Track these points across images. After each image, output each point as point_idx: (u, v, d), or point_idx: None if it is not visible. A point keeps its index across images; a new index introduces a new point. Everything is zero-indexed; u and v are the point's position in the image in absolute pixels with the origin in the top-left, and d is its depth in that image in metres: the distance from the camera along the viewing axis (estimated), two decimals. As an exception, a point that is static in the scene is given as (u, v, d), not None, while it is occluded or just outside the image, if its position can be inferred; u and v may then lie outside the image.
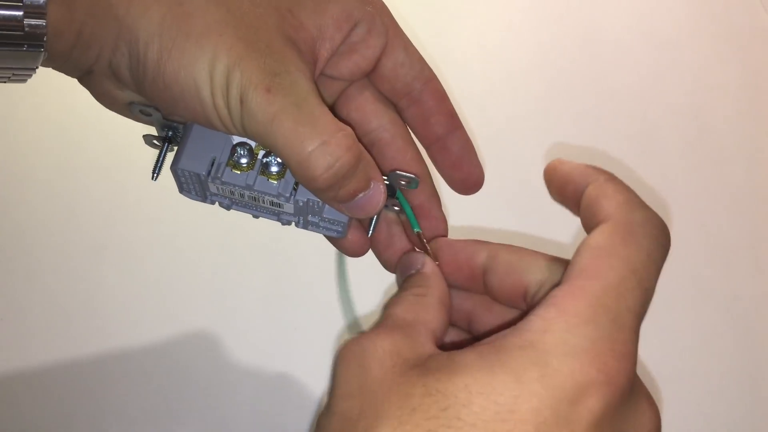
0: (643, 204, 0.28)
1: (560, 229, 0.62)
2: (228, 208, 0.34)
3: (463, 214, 0.63)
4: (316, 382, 0.52)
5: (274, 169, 0.32)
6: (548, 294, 0.24)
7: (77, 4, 0.27)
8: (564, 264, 0.29)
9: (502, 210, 0.63)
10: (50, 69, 0.31)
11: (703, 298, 0.59)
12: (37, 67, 0.29)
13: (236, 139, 0.32)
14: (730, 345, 0.58)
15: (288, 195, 0.32)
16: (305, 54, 0.30)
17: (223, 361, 0.53)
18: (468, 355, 0.23)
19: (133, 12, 0.27)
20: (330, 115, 0.28)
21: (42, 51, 0.27)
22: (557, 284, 0.25)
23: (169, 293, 0.55)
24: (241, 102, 0.27)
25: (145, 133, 0.35)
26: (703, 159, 0.66)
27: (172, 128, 0.33)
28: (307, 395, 0.52)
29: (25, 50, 0.27)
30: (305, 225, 0.34)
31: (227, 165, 0.32)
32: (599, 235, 0.25)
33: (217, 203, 0.34)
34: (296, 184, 0.32)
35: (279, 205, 0.33)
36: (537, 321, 0.23)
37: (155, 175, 0.34)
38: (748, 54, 0.72)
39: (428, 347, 0.26)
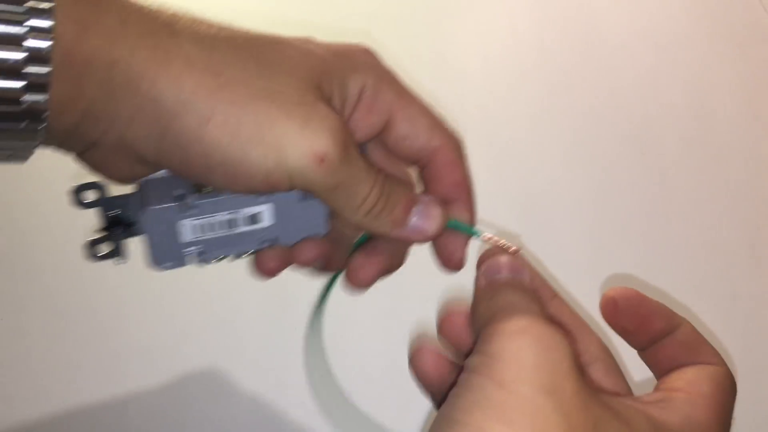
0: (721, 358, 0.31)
1: (560, 228, 0.62)
2: (207, 259, 0.32)
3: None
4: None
5: None
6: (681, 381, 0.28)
7: (88, 80, 0.25)
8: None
9: (502, 209, 0.63)
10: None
11: (703, 298, 0.59)
12: (37, 146, 0.27)
13: None
14: (729, 345, 0.58)
15: (267, 196, 0.31)
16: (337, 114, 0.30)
17: (222, 367, 0.53)
18: (636, 416, 0.26)
19: (161, 84, 0.26)
20: (366, 164, 0.30)
21: (41, 129, 0.25)
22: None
23: (169, 292, 0.55)
24: (297, 171, 0.27)
25: (79, 183, 0.31)
26: (703, 159, 0.66)
27: (119, 205, 0.31)
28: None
29: (23, 127, 0.25)
30: (288, 236, 0.33)
31: (195, 192, 0.31)
32: (718, 372, 0.30)
33: (195, 257, 0.32)
34: None
35: (257, 218, 0.32)
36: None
37: (120, 260, 0.32)
38: (748, 54, 0.72)
39: (585, 372, 0.28)
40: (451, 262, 0.34)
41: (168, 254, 0.31)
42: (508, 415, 0.22)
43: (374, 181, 0.30)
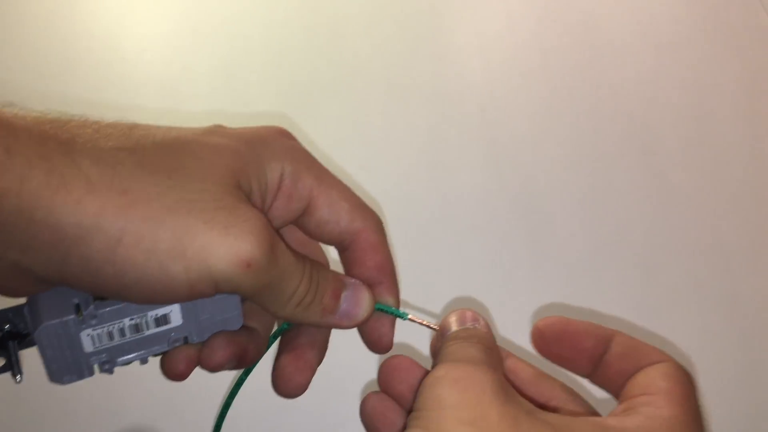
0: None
1: (560, 227, 0.62)
2: (111, 368, 0.30)
3: (463, 212, 0.63)
4: None
5: None
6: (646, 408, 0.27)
7: None
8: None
9: (502, 209, 0.63)
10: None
11: (703, 298, 0.59)
12: None
13: None
14: (729, 345, 0.58)
15: None
16: (258, 209, 0.29)
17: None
18: (582, 425, 0.26)
19: (58, 212, 0.24)
20: (294, 257, 0.29)
21: None
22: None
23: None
24: (223, 279, 0.26)
25: None
26: (703, 159, 0.66)
27: (8, 319, 0.29)
28: None
29: None
30: (200, 332, 0.31)
31: (93, 301, 0.29)
32: (668, 368, 0.28)
33: (97, 367, 0.30)
34: None
35: (165, 320, 0.30)
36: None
37: (17, 375, 0.29)
38: (748, 54, 0.72)
39: (526, 405, 0.27)
40: (379, 345, 0.34)
41: (68, 367, 0.29)
42: None
43: (302, 272, 0.29)
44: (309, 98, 0.69)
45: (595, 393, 0.31)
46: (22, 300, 0.29)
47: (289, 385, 0.32)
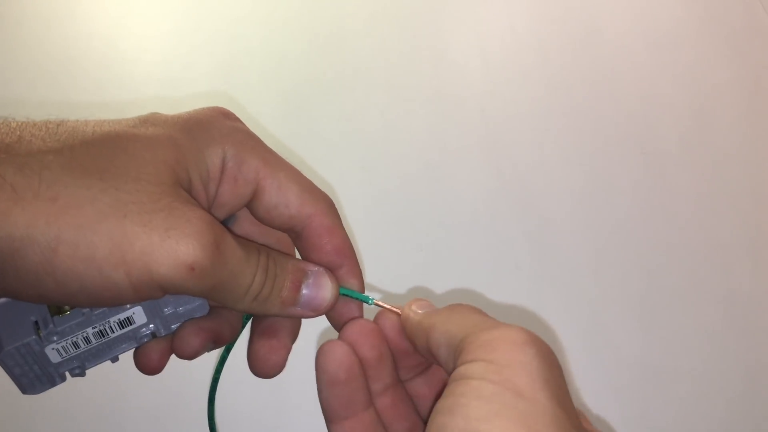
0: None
1: (560, 227, 0.62)
2: (82, 372, 0.30)
3: (463, 211, 0.63)
4: None
5: None
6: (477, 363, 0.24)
7: None
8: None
9: (502, 209, 0.63)
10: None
11: (702, 298, 0.59)
12: None
13: None
14: (728, 344, 0.58)
15: None
16: (202, 206, 0.27)
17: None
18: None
19: None
20: (244, 252, 0.28)
21: None
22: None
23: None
24: (167, 282, 0.25)
25: None
26: (703, 159, 0.66)
27: None
28: None
29: None
30: (167, 325, 0.30)
31: (52, 317, 0.28)
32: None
33: (67, 374, 0.30)
34: None
35: (129, 321, 0.30)
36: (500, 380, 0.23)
37: None
38: (748, 54, 0.72)
39: None
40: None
41: (39, 379, 0.29)
42: (532, 425, 0.22)
43: (256, 267, 0.28)
44: (309, 98, 0.69)
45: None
46: None
47: (266, 365, 0.31)
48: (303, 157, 0.63)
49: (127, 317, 0.29)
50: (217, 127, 0.29)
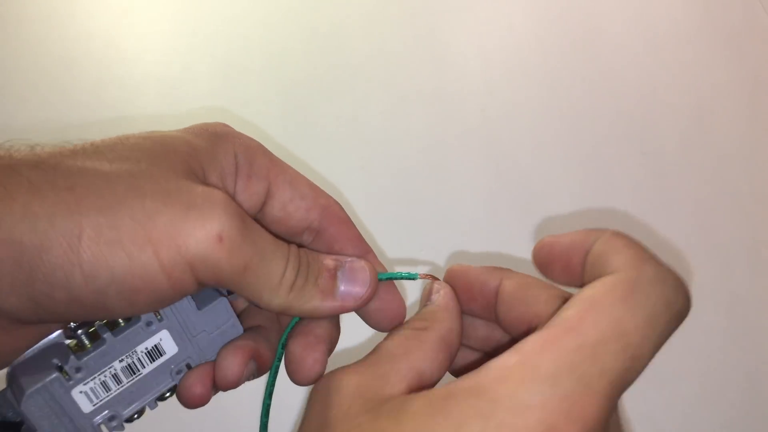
0: (657, 260, 0.24)
1: (560, 227, 0.62)
2: (120, 424, 0.27)
3: (463, 211, 0.63)
4: None
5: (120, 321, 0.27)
6: (523, 340, 0.22)
7: None
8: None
9: (502, 209, 0.63)
10: None
11: (702, 298, 0.59)
12: None
13: (59, 338, 0.27)
14: (730, 345, 0.58)
15: (156, 317, 0.27)
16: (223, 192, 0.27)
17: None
18: (417, 401, 0.22)
19: (8, 222, 0.22)
20: (272, 236, 0.27)
21: None
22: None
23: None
24: (197, 259, 0.24)
25: None
26: (703, 159, 0.66)
27: None
28: None
29: None
30: (201, 353, 0.28)
31: (74, 354, 0.26)
32: (598, 286, 0.23)
33: (104, 428, 0.27)
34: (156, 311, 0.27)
35: (158, 351, 0.27)
36: (495, 367, 0.22)
37: None
38: (748, 54, 0.72)
39: (397, 388, 0.24)
40: (394, 317, 0.30)
41: (68, 429, 0.26)
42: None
43: (287, 251, 0.27)
44: (309, 98, 0.69)
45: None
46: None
47: (303, 367, 0.29)
48: (303, 157, 0.63)
49: (155, 345, 0.27)
50: (223, 132, 0.29)
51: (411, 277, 0.30)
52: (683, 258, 0.61)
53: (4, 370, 0.27)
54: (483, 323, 0.30)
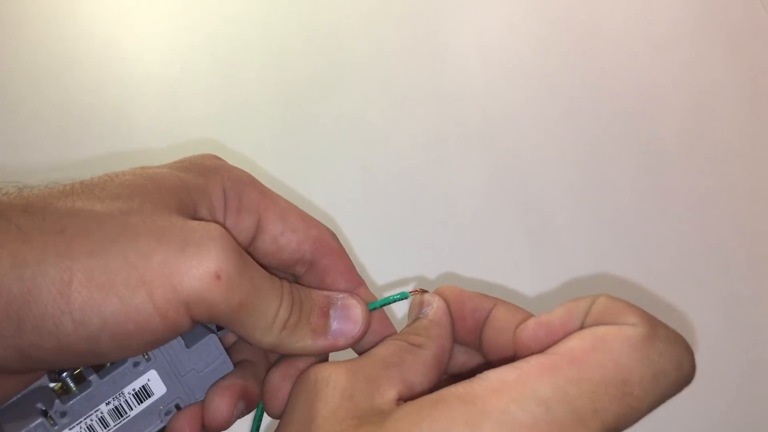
0: (666, 325, 0.24)
1: (560, 227, 0.62)
2: None
3: (463, 211, 0.63)
4: None
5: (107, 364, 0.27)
6: (527, 358, 0.22)
7: None
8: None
9: (502, 209, 0.63)
10: None
11: (702, 298, 0.59)
12: None
13: (45, 381, 0.26)
14: (730, 345, 0.58)
15: (144, 357, 0.26)
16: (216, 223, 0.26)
17: None
18: (405, 408, 0.22)
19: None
20: (264, 272, 0.26)
21: None
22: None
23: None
24: (193, 298, 0.23)
25: None
26: (703, 159, 0.66)
27: None
28: None
29: None
30: (190, 392, 0.27)
31: (59, 398, 0.25)
32: (612, 330, 0.22)
33: None
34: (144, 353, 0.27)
35: (146, 392, 0.27)
36: (491, 379, 0.21)
37: None
38: (748, 54, 0.72)
39: (387, 396, 0.24)
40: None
41: None
42: None
43: (281, 288, 0.26)
44: (309, 98, 0.69)
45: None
46: None
47: (278, 396, 0.28)
48: (303, 157, 0.64)
49: (143, 386, 0.26)
50: (213, 166, 0.29)
51: (402, 297, 0.30)
52: (683, 257, 0.61)
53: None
54: (462, 349, 0.30)
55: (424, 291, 0.30)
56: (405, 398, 0.24)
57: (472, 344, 0.29)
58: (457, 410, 0.21)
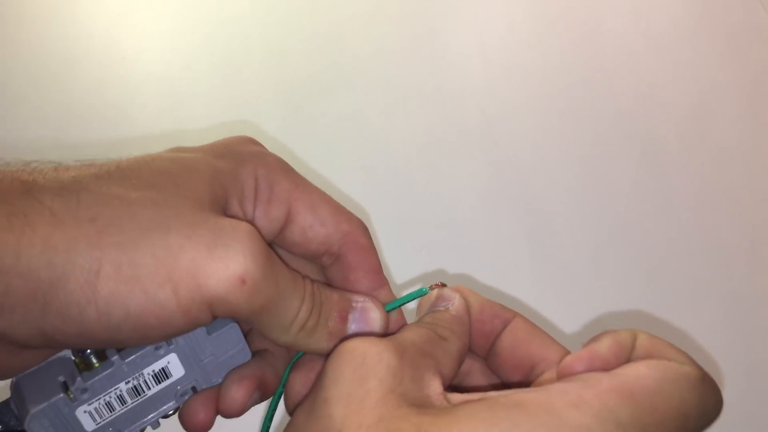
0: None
1: (560, 227, 0.62)
2: None
3: (463, 211, 0.63)
4: None
5: None
6: (591, 374, 0.22)
7: None
8: None
9: (503, 209, 0.63)
10: None
11: (702, 297, 0.59)
12: None
13: (67, 352, 0.27)
14: (729, 345, 0.58)
15: (166, 342, 0.27)
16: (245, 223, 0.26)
17: None
18: (476, 406, 0.22)
19: (27, 255, 0.22)
20: (291, 272, 0.26)
21: None
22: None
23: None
24: (217, 300, 0.24)
25: None
26: (703, 159, 0.66)
27: None
28: None
29: None
30: (207, 376, 0.28)
31: (81, 375, 0.26)
32: (674, 364, 0.23)
33: None
34: None
35: (165, 373, 0.27)
36: (568, 391, 0.21)
37: None
38: (748, 54, 0.72)
39: (434, 386, 0.24)
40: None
41: None
42: None
43: (303, 290, 0.26)
44: (309, 98, 0.69)
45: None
46: (5, 394, 0.27)
47: (295, 401, 0.28)
48: (303, 157, 0.64)
49: (162, 368, 0.27)
50: (246, 151, 0.29)
51: (422, 294, 0.30)
52: (683, 257, 0.61)
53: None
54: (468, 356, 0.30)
55: (443, 285, 0.30)
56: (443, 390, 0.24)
57: (479, 350, 0.29)
58: (538, 418, 0.20)
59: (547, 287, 0.59)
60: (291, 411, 0.28)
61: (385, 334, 0.28)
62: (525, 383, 0.27)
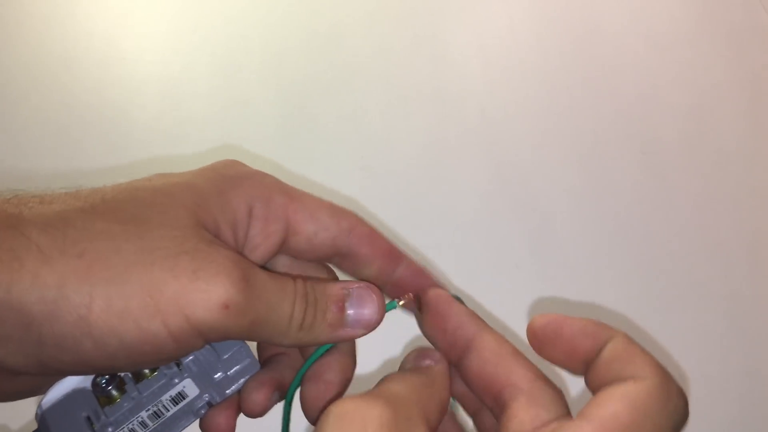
0: (672, 377, 0.26)
1: (560, 227, 0.62)
2: None
3: (463, 211, 0.63)
4: None
5: (145, 370, 0.29)
6: (571, 423, 0.23)
7: None
8: (551, 385, 0.26)
9: (503, 209, 0.63)
10: None
11: (702, 298, 0.59)
12: None
13: (85, 382, 0.28)
14: (729, 345, 0.58)
15: (177, 368, 0.29)
16: (229, 244, 0.27)
17: None
18: None
19: (17, 290, 0.22)
20: (278, 282, 0.27)
21: None
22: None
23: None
24: (205, 326, 0.25)
25: None
26: (703, 159, 0.66)
27: None
28: None
29: None
30: (221, 391, 0.30)
31: (102, 408, 0.28)
32: (638, 388, 0.24)
33: None
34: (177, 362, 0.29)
35: (182, 396, 0.29)
36: (578, 429, 0.22)
37: None
38: (748, 54, 0.72)
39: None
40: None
41: None
42: None
43: (293, 295, 0.27)
44: (309, 98, 0.69)
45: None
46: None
47: (315, 410, 0.29)
48: (302, 157, 0.64)
49: (179, 392, 0.29)
50: (235, 174, 0.29)
51: (392, 307, 0.30)
52: (683, 258, 0.61)
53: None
54: None
55: (415, 296, 0.30)
56: None
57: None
58: None
59: (547, 287, 0.59)
60: (312, 420, 0.30)
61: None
62: (497, 408, 0.26)
